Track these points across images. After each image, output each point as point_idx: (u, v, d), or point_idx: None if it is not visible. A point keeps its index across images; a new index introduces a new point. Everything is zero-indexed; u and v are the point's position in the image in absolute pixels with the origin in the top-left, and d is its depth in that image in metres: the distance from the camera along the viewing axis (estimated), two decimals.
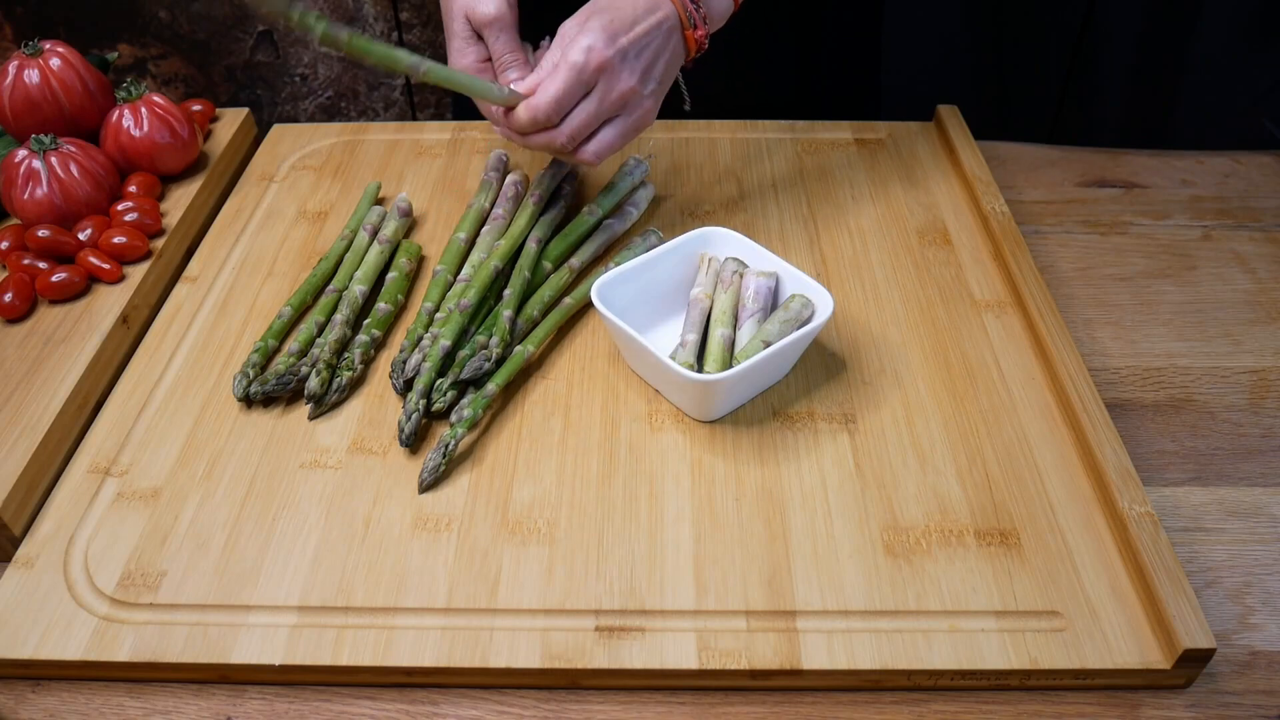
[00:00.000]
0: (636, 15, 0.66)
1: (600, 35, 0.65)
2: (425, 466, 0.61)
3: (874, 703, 0.53)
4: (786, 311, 0.65)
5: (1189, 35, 1.29)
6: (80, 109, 0.82)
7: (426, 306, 0.70)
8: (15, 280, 0.72)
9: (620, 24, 0.66)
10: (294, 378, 0.66)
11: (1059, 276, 0.79)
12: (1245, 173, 0.90)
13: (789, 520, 0.59)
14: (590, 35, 0.65)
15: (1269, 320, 0.75)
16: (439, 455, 0.61)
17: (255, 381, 0.66)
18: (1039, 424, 0.64)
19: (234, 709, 0.53)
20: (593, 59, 0.65)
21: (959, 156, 0.87)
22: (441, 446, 0.61)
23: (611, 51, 0.65)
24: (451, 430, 0.62)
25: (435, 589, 0.56)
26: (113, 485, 0.62)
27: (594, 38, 0.65)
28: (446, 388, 0.64)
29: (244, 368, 0.67)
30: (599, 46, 0.65)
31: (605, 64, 0.65)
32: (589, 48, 0.65)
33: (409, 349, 0.67)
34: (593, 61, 0.65)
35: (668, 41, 0.68)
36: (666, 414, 0.65)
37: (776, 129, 0.92)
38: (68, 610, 0.55)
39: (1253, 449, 0.66)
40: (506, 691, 0.53)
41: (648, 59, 0.67)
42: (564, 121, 0.67)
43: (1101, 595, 0.55)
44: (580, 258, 0.75)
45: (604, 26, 0.65)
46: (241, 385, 0.66)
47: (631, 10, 0.67)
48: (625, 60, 0.66)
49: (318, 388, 0.65)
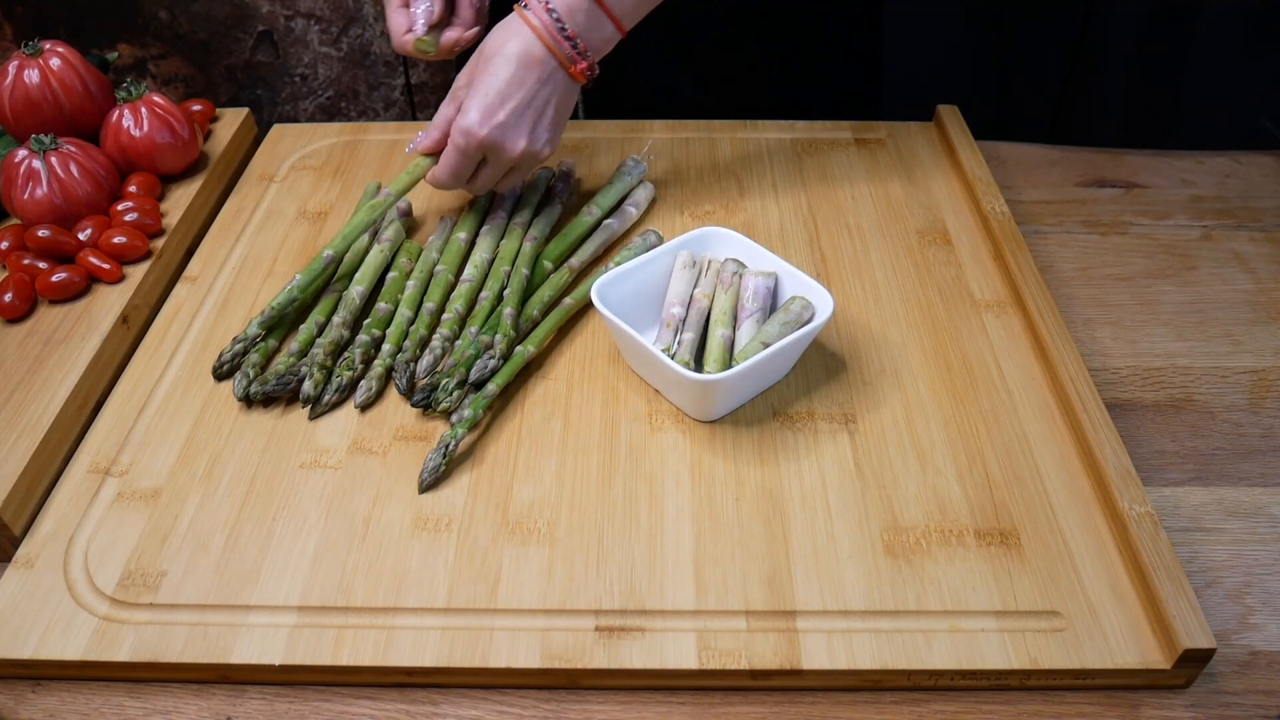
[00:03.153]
0: (510, 81, 0.68)
1: (475, 115, 0.68)
2: (425, 467, 0.61)
3: (874, 703, 0.53)
4: (787, 313, 0.65)
5: (1189, 35, 1.29)
6: (80, 109, 0.82)
7: (429, 307, 0.70)
8: (15, 280, 0.72)
9: (494, 96, 0.68)
10: (294, 378, 0.66)
11: (1059, 276, 0.79)
12: (1245, 173, 0.90)
13: (789, 520, 0.59)
14: (466, 116, 0.68)
15: (1269, 320, 0.75)
16: (439, 455, 0.61)
17: (255, 381, 0.66)
18: (1039, 424, 0.64)
19: (234, 709, 0.53)
20: (472, 141, 0.68)
21: (959, 156, 0.87)
22: (442, 447, 0.61)
23: (487, 130, 0.68)
24: (452, 430, 0.62)
25: (435, 589, 0.56)
26: (113, 485, 0.62)
27: (470, 118, 0.68)
28: (453, 387, 0.64)
29: (244, 367, 0.67)
30: (475, 129, 0.68)
31: (485, 143, 0.69)
32: (467, 131, 0.68)
33: (412, 349, 0.68)
34: (473, 143, 0.68)
35: (549, 91, 0.69)
36: (666, 414, 0.65)
37: (776, 129, 0.92)
38: (68, 610, 0.55)
39: (1253, 449, 0.66)
40: (506, 691, 0.53)
41: (530, 119, 0.69)
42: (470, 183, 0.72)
43: (1101, 595, 0.55)
44: (580, 257, 0.75)
45: (479, 105, 0.68)
46: (242, 385, 0.66)
47: (506, 75, 0.68)
48: (507, 131, 0.69)
49: (311, 390, 0.65)
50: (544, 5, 0.67)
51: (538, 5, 0.67)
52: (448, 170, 0.71)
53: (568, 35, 0.67)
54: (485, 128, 0.68)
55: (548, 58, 0.68)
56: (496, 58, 0.68)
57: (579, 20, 0.67)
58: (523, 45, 0.67)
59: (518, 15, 0.68)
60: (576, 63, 0.69)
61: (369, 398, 0.66)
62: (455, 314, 0.69)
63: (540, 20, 0.67)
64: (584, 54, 0.69)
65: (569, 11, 0.67)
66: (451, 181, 0.72)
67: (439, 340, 0.67)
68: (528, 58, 0.68)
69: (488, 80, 0.68)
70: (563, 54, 0.68)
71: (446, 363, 0.66)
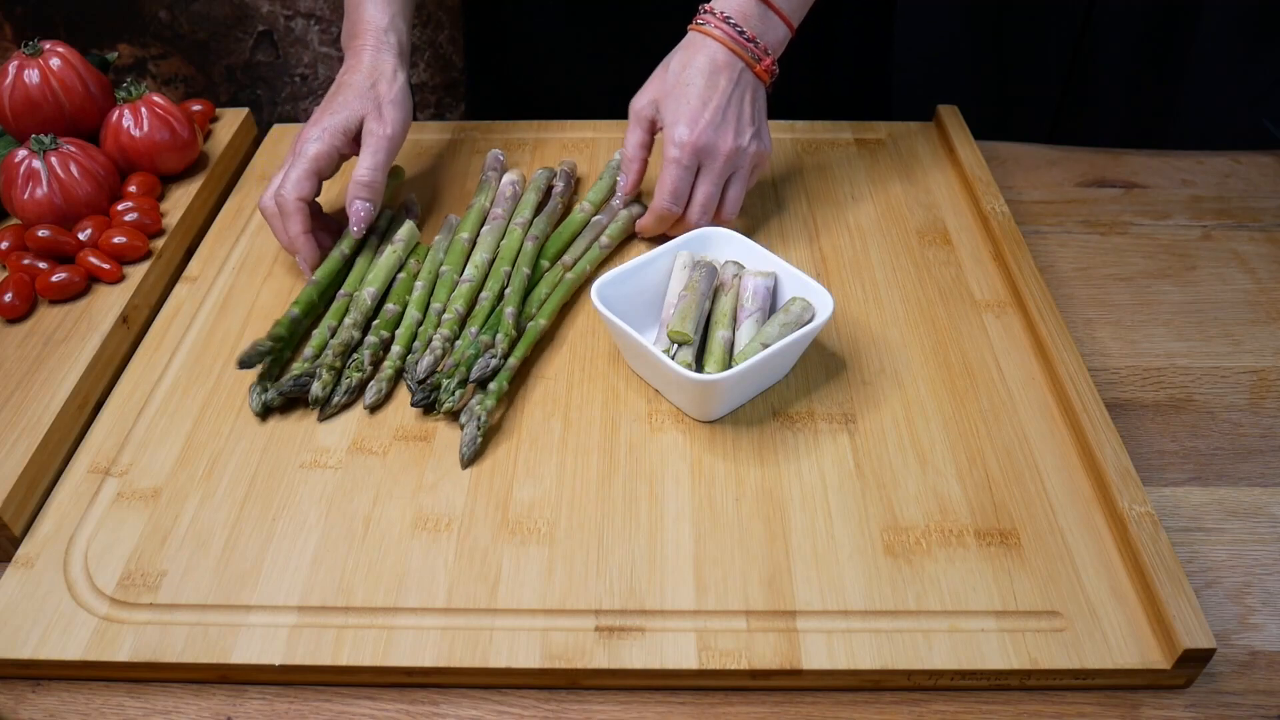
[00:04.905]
0: (705, 87, 0.71)
1: (683, 126, 0.71)
2: (463, 441, 0.62)
3: (874, 703, 0.53)
4: (787, 314, 0.65)
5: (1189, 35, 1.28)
6: (80, 109, 0.82)
7: (435, 307, 0.70)
8: (15, 280, 0.72)
9: (695, 103, 0.71)
10: (310, 378, 0.66)
11: (1059, 276, 0.79)
12: (1245, 173, 0.90)
13: (789, 520, 0.59)
14: (675, 130, 0.71)
15: (1269, 320, 0.75)
16: (474, 428, 0.62)
17: (271, 389, 0.65)
18: (1039, 424, 0.64)
19: (234, 709, 0.53)
20: (686, 150, 0.71)
21: (959, 156, 0.87)
22: (475, 420, 0.62)
23: (697, 133, 0.71)
24: (481, 404, 0.63)
25: (435, 589, 0.56)
26: (113, 485, 0.62)
27: (679, 130, 0.71)
28: (454, 387, 0.64)
29: (259, 379, 0.66)
30: (686, 137, 0.71)
31: (699, 146, 0.71)
32: (680, 142, 0.71)
33: (421, 350, 0.67)
34: (687, 152, 0.71)
35: (742, 88, 0.73)
36: (666, 414, 0.65)
37: (777, 129, 0.92)
38: (68, 610, 0.55)
39: (1253, 449, 0.66)
40: (506, 691, 0.53)
41: (734, 116, 0.72)
42: (688, 206, 0.74)
43: (1101, 595, 0.55)
44: (573, 254, 0.76)
45: (684, 117, 0.71)
46: (259, 398, 0.65)
47: (700, 83, 0.71)
48: (715, 131, 0.71)
49: (320, 392, 0.65)
50: (720, 16, 0.72)
51: (714, 18, 0.72)
52: (669, 190, 0.72)
53: (748, 37, 0.72)
54: (695, 132, 0.71)
55: (734, 61, 0.72)
56: (686, 72, 0.72)
57: (753, 23, 0.72)
58: (709, 56, 0.72)
59: (696, 33, 0.73)
60: (761, 60, 0.73)
61: (379, 399, 0.66)
62: (456, 314, 0.69)
63: (720, 30, 0.72)
64: (766, 52, 0.73)
65: (743, 17, 0.72)
66: (673, 202, 0.72)
67: (439, 340, 0.67)
68: (716, 65, 0.72)
69: (684, 93, 0.72)
70: (747, 55, 0.72)
71: (446, 363, 0.66)
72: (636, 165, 0.76)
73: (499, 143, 0.90)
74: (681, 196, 0.73)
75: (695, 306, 0.65)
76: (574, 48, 0.96)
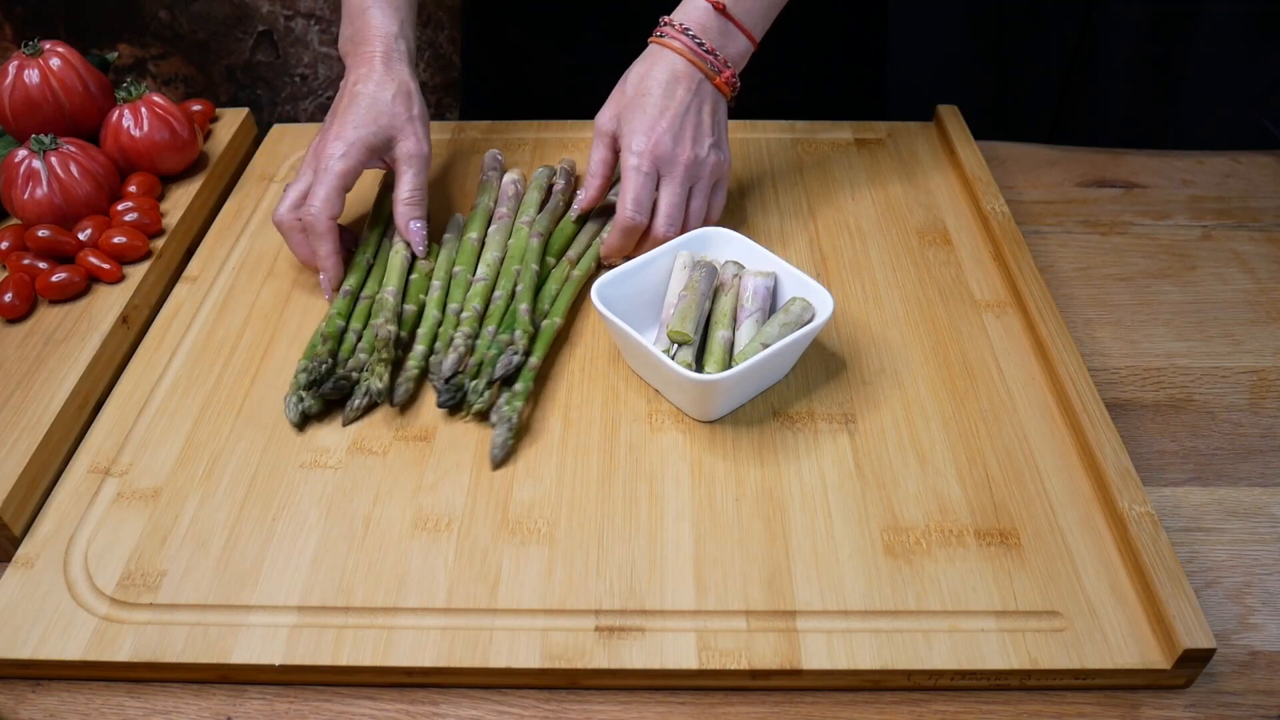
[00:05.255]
0: (662, 97, 0.72)
1: (640, 135, 0.71)
2: (494, 444, 0.62)
3: (874, 703, 0.53)
4: (787, 315, 0.65)
5: (1189, 35, 1.29)
6: (80, 109, 0.82)
7: (452, 307, 0.70)
8: (15, 280, 0.72)
9: (652, 113, 0.71)
10: (348, 382, 0.65)
11: (1059, 276, 0.79)
12: (1245, 173, 0.90)
13: (789, 520, 0.59)
14: (632, 140, 0.71)
15: (1269, 320, 0.75)
16: (505, 430, 0.62)
17: (308, 398, 0.64)
18: (1039, 424, 0.64)
19: (234, 709, 0.53)
20: (645, 158, 0.71)
21: (959, 156, 0.87)
22: (505, 422, 0.62)
23: (653, 141, 0.71)
24: (510, 404, 0.63)
25: (435, 589, 0.56)
26: (113, 485, 0.62)
27: (637, 140, 0.71)
28: (483, 388, 0.64)
29: (293, 389, 0.65)
30: (643, 145, 0.71)
31: (657, 154, 0.71)
32: (638, 151, 0.71)
33: (444, 350, 0.67)
34: (645, 160, 0.71)
35: (701, 98, 0.73)
36: (666, 414, 0.65)
37: (776, 129, 0.92)
38: (68, 610, 0.55)
39: (1253, 449, 0.66)
40: (506, 691, 0.53)
41: (691, 125, 0.72)
42: (654, 217, 0.73)
43: (1101, 595, 0.55)
44: (576, 249, 0.76)
45: (641, 127, 0.71)
46: (295, 407, 0.64)
47: (658, 93, 0.72)
48: (673, 139, 0.71)
49: (378, 384, 0.64)
50: (679, 28, 0.72)
51: (673, 30, 0.72)
52: (631, 197, 0.71)
53: (707, 49, 0.72)
54: (651, 139, 0.71)
55: (693, 72, 0.72)
56: (644, 83, 0.72)
57: (713, 35, 0.72)
58: (668, 67, 0.72)
59: (656, 45, 0.73)
60: (721, 72, 0.73)
61: (406, 398, 0.65)
62: (474, 312, 0.69)
63: (679, 41, 0.72)
64: (726, 65, 0.73)
65: (703, 29, 0.72)
66: (637, 210, 0.71)
67: (461, 338, 0.67)
68: (674, 75, 0.72)
69: (642, 104, 0.72)
70: (707, 67, 0.72)
71: (468, 361, 0.66)
72: (598, 181, 0.75)
73: (498, 143, 0.90)
74: (643, 204, 0.71)
75: (695, 306, 0.65)
76: (573, 48, 0.96)
